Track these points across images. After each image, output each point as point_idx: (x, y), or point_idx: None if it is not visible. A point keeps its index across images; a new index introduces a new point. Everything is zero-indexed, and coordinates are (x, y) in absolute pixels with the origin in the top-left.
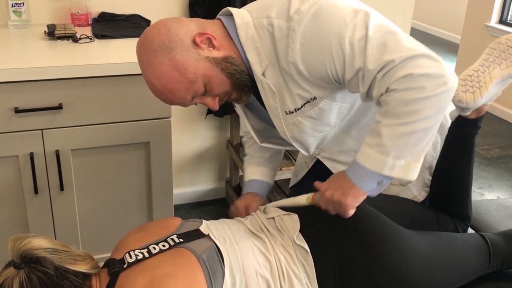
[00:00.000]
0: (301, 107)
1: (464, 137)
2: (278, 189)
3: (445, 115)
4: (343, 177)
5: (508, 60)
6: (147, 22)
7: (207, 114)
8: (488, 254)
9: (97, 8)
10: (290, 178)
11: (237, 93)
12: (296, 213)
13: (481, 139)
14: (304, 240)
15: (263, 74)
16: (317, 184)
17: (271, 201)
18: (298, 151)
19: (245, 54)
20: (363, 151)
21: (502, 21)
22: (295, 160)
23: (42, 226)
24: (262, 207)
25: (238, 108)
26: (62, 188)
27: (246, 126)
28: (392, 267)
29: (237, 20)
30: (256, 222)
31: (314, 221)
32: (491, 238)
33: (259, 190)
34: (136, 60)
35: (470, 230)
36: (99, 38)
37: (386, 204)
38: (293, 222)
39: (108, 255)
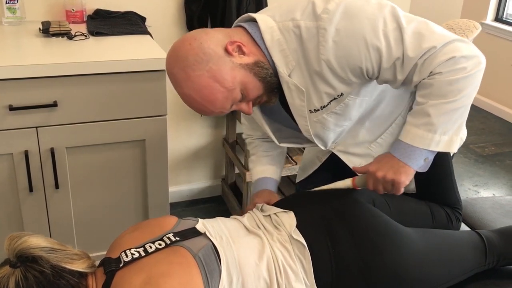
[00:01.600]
0: (328, 104)
1: None
2: (291, 184)
3: None
4: (390, 157)
5: None
6: (142, 19)
7: None
8: (484, 251)
9: (92, 5)
10: (287, 177)
11: (267, 96)
12: (292, 210)
13: (476, 137)
14: (300, 235)
15: (289, 76)
16: (358, 168)
17: None
18: (295, 150)
19: (271, 58)
20: (409, 131)
21: (498, 19)
22: (292, 159)
23: (37, 224)
24: (259, 205)
25: (256, 113)
26: (57, 186)
27: (264, 129)
28: (388, 261)
29: (262, 25)
30: (253, 220)
31: (310, 217)
32: (486, 235)
33: (271, 187)
34: (132, 58)
35: (466, 228)
36: (94, 35)
37: (381, 200)
38: (289, 218)
39: (103, 253)
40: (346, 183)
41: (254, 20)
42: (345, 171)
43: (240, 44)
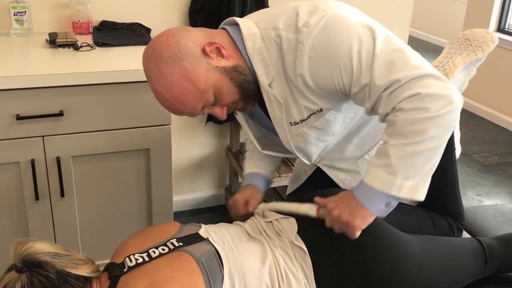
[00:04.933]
0: (307, 118)
1: None
2: (277, 196)
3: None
4: (351, 197)
5: (468, 49)
6: (148, 30)
7: (206, 121)
8: (484, 258)
9: (98, 17)
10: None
11: (243, 102)
12: (293, 217)
13: (479, 146)
14: (301, 241)
15: (269, 85)
16: (319, 200)
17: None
18: (296, 158)
19: (251, 65)
20: (370, 171)
21: (500, 29)
22: (293, 166)
23: (43, 232)
24: (261, 211)
25: (240, 116)
26: (62, 195)
27: (248, 134)
28: (388, 268)
29: (244, 31)
30: (255, 226)
31: (311, 224)
32: (487, 242)
33: (258, 183)
34: (137, 68)
35: (466, 235)
36: (100, 46)
37: None
38: (290, 225)
39: (108, 261)
40: (311, 210)
41: (238, 25)
42: (330, 186)
43: (219, 47)
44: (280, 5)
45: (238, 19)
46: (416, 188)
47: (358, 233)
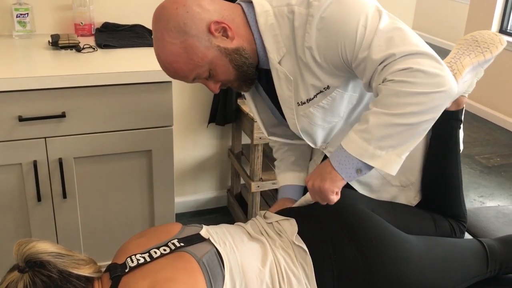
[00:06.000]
0: (314, 97)
1: (447, 130)
2: None
3: None
4: (325, 164)
5: (476, 50)
6: (149, 32)
7: (208, 123)
8: (486, 259)
9: (100, 18)
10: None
11: (238, 83)
12: (294, 218)
13: (482, 148)
14: (302, 241)
15: (279, 63)
16: (305, 179)
17: None
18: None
19: (262, 42)
20: (348, 135)
21: (502, 30)
22: None
23: (45, 233)
24: (262, 212)
25: (249, 101)
26: (65, 196)
27: (255, 117)
28: (390, 268)
29: (257, 8)
30: (256, 226)
31: (312, 224)
32: (488, 243)
33: (293, 195)
34: (139, 70)
35: (468, 236)
36: (102, 48)
37: (382, 210)
38: (291, 225)
39: (110, 262)
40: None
41: (252, 2)
42: None
43: (226, 27)
44: None
45: None
46: (388, 160)
47: (333, 198)
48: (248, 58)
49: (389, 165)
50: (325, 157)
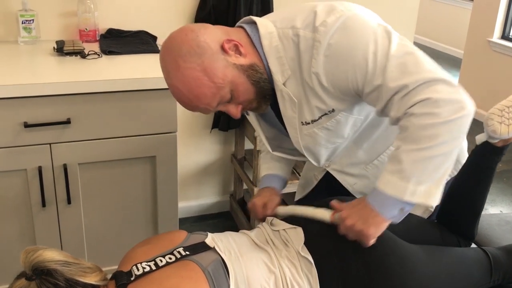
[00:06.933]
0: (318, 118)
1: (486, 162)
2: (283, 203)
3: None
4: (364, 204)
5: None
6: (154, 38)
7: (212, 128)
8: (490, 268)
9: (104, 25)
10: (294, 192)
11: (257, 101)
12: (300, 226)
13: None
14: (308, 252)
15: (284, 84)
16: (335, 204)
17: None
18: (303, 165)
19: (267, 64)
20: (383, 177)
21: (504, 36)
22: (299, 174)
23: (49, 238)
24: (269, 219)
25: (251, 117)
26: (69, 202)
27: (259, 134)
28: (394, 279)
29: (261, 29)
30: (262, 234)
31: (318, 235)
32: (492, 252)
33: (276, 184)
34: (143, 76)
35: (472, 245)
36: (107, 54)
37: None
38: (297, 235)
39: (114, 267)
40: (324, 214)
41: (256, 23)
42: (340, 193)
43: (238, 44)
44: (297, 5)
45: (255, 18)
46: (429, 193)
47: (372, 242)
48: (263, 73)
49: (430, 198)
50: (327, 173)
